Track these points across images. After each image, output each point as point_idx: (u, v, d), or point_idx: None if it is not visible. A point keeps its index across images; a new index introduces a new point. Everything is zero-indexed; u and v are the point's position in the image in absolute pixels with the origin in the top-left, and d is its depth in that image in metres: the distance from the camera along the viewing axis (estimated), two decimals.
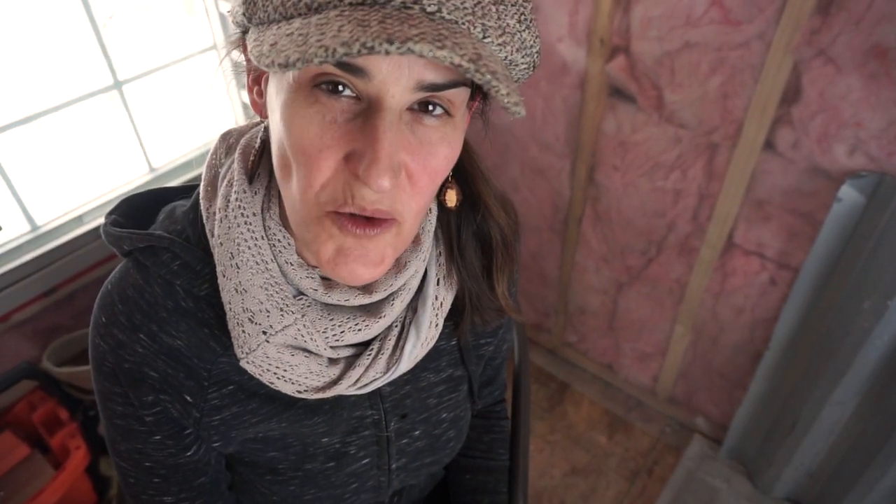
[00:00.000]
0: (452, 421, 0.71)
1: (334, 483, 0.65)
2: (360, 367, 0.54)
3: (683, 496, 1.61)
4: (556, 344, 1.94)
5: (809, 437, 1.42)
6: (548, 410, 1.82)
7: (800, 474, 1.52)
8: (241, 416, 0.57)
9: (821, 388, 1.33)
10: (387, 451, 0.67)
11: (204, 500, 0.63)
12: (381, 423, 0.65)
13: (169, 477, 0.59)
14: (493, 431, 0.86)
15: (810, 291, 1.28)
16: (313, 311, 0.52)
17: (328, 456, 0.63)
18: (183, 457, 0.59)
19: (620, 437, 1.75)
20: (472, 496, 0.83)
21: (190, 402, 0.55)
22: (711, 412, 1.69)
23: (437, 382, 0.67)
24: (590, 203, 1.54)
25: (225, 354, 0.55)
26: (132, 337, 0.52)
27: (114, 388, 0.54)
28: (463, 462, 0.85)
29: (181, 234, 0.54)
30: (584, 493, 1.63)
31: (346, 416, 0.62)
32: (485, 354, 0.71)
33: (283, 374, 0.52)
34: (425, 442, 0.70)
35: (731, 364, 1.54)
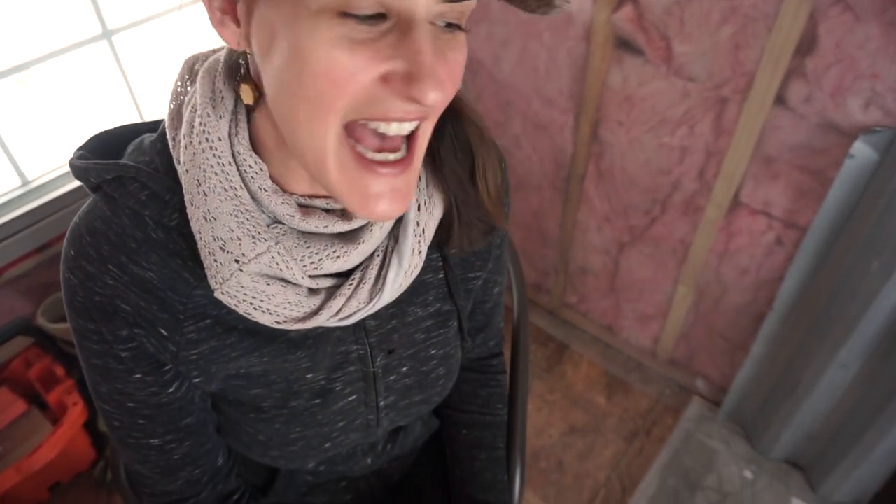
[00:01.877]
0: (442, 358, 0.69)
1: (321, 421, 0.64)
2: (342, 297, 0.53)
3: (681, 457, 1.61)
4: (556, 305, 1.92)
5: (810, 400, 1.40)
6: (546, 371, 1.81)
7: (799, 436, 1.51)
8: (219, 350, 0.56)
9: (824, 351, 1.31)
10: (374, 387, 0.66)
11: (192, 442, 0.61)
12: (366, 359, 0.63)
13: (154, 417, 0.58)
14: (489, 386, 0.84)
15: (817, 251, 1.25)
16: (289, 239, 0.50)
17: (313, 393, 0.62)
18: (165, 395, 0.57)
19: (619, 397, 1.75)
20: (469, 451, 0.82)
21: (165, 335, 0.54)
22: (712, 374, 1.68)
23: (424, 317, 0.66)
24: (593, 160, 1.50)
25: (200, 286, 0.53)
26: (101, 269, 0.51)
27: (87, 325, 0.53)
28: (459, 417, 0.84)
29: (149, 164, 0.52)
30: (581, 452, 1.63)
31: (331, 351, 0.61)
32: (473, 289, 0.69)
33: (260, 304, 0.50)
34: (414, 379, 0.68)
35: (733, 326, 1.52)
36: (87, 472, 1.59)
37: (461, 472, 0.81)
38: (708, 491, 1.54)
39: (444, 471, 0.85)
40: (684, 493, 1.53)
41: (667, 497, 1.53)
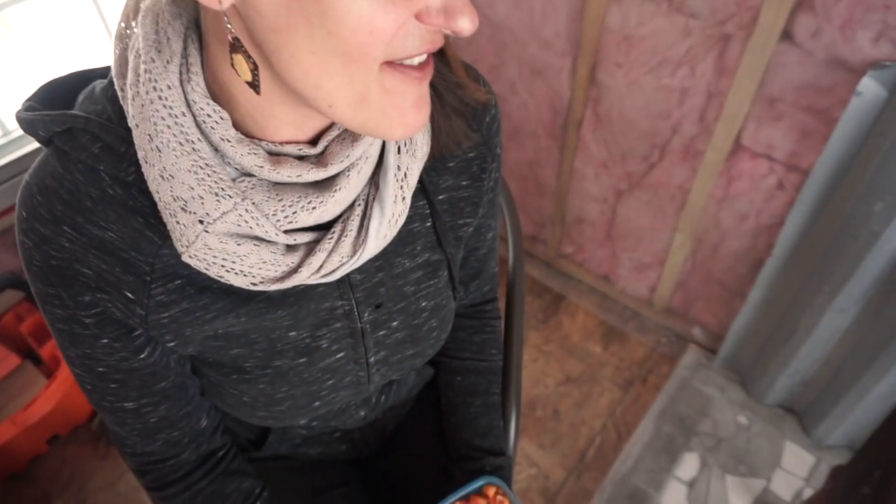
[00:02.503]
0: (433, 310, 0.67)
1: (308, 379, 0.62)
2: (323, 252, 0.49)
3: (676, 404, 1.62)
4: (552, 256, 1.90)
5: (807, 346, 1.40)
6: (542, 321, 1.81)
7: (794, 382, 1.52)
8: (192, 312, 0.53)
9: (823, 296, 1.30)
10: (363, 343, 0.63)
11: (168, 405, 0.60)
12: (353, 314, 0.61)
13: (126, 382, 0.56)
14: (484, 332, 0.83)
15: (819, 195, 1.22)
16: (258, 193, 0.46)
17: (298, 351, 0.60)
18: (137, 360, 0.55)
19: (616, 347, 1.75)
20: (464, 398, 0.81)
21: (132, 298, 0.50)
22: (708, 322, 1.68)
23: (412, 268, 0.63)
24: (590, 105, 1.46)
25: (165, 245, 0.49)
26: (56, 230, 0.47)
27: (47, 289, 0.50)
28: (454, 364, 0.83)
29: (101, 114, 0.47)
30: (577, 401, 1.63)
31: (314, 308, 0.58)
32: (463, 237, 0.66)
33: (232, 266, 0.47)
34: (405, 333, 0.66)
35: (731, 273, 1.51)
36: (85, 426, 1.59)
37: (456, 419, 0.80)
38: (703, 436, 1.55)
39: (438, 419, 0.85)
40: (679, 439, 1.55)
41: (662, 443, 1.54)
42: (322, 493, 0.81)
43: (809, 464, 1.50)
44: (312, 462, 0.83)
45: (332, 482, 0.83)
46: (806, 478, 1.48)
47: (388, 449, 0.87)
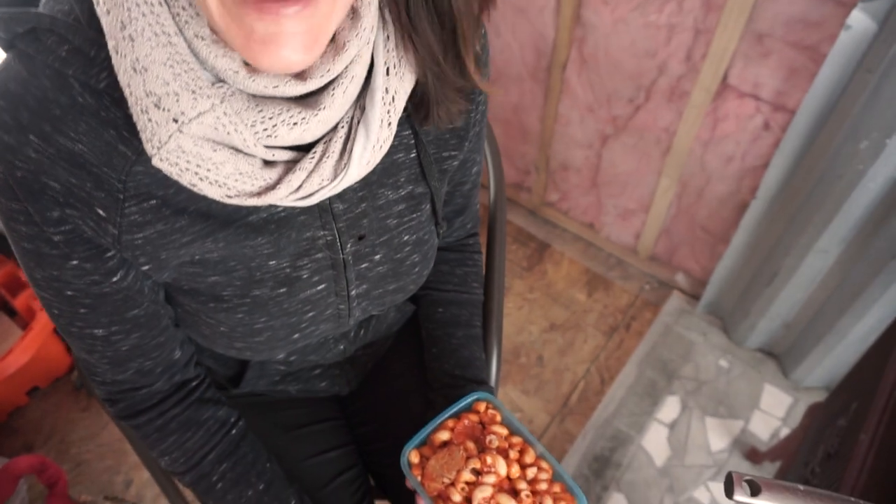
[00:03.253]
0: (416, 244, 0.65)
1: (287, 310, 0.60)
2: (302, 171, 0.47)
3: (659, 349, 1.63)
4: (537, 204, 1.88)
5: (789, 288, 1.41)
6: (527, 270, 1.80)
7: (775, 325, 1.53)
8: (167, 234, 0.51)
9: (806, 237, 1.30)
10: (344, 276, 0.62)
11: (140, 334, 0.58)
12: (335, 245, 0.59)
13: (96, 307, 0.54)
14: (466, 265, 0.81)
15: (805, 134, 1.21)
16: (237, 101, 0.43)
17: (278, 281, 0.58)
18: (108, 284, 0.53)
19: (600, 294, 1.75)
20: (445, 329, 0.80)
21: (103, 216, 0.48)
22: (692, 268, 1.68)
23: (396, 200, 0.61)
24: (575, 45, 1.42)
25: (140, 162, 0.47)
26: (21, 139, 0.44)
27: (11, 204, 0.47)
28: (435, 296, 0.82)
29: (68, 14, 0.43)
30: (561, 347, 1.64)
31: (295, 237, 0.56)
32: (448, 170, 0.64)
33: (207, 174, 0.44)
34: (387, 267, 0.65)
35: (715, 217, 1.50)
36: (65, 377, 1.57)
37: (437, 350, 0.79)
38: (684, 380, 1.57)
39: (419, 353, 0.84)
40: (661, 383, 1.56)
41: (644, 387, 1.56)
42: (302, 427, 0.80)
43: (787, 404, 1.53)
44: (292, 399, 0.82)
45: (312, 418, 0.82)
46: (783, 418, 1.51)
47: (368, 384, 0.87)
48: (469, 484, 0.61)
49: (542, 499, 0.61)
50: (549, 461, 0.64)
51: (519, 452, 0.64)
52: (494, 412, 0.67)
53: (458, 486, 0.60)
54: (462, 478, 0.61)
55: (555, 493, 0.62)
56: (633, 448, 1.45)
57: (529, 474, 0.62)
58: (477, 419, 0.67)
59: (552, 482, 0.63)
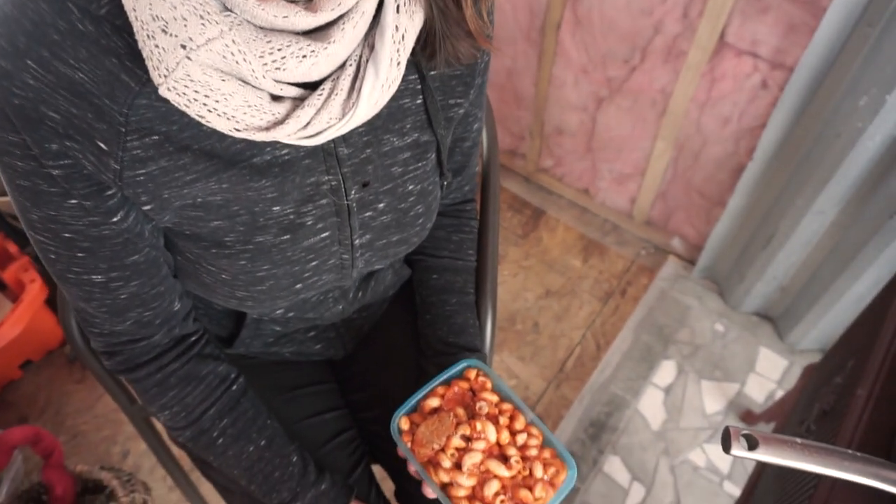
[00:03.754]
0: (420, 194, 0.64)
1: (291, 258, 0.59)
2: (311, 107, 0.45)
3: (655, 314, 1.63)
4: (532, 170, 1.86)
5: (785, 251, 1.40)
6: (522, 237, 1.79)
7: (771, 288, 1.53)
8: (170, 171, 0.49)
9: (803, 198, 1.29)
10: (348, 223, 0.61)
11: (140, 282, 0.56)
12: (339, 191, 0.58)
13: (95, 251, 0.52)
14: (462, 231, 0.80)
15: (803, 92, 1.19)
16: (245, 31, 0.41)
17: (281, 228, 0.57)
18: (108, 226, 0.51)
19: (595, 260, 1.74)
20: (439, 295, 0.79)
21: (105, 149, 0.46)
22: (688, 233, 1.67)
23: (401, 148, 0.60)
24: (569, 5, 1.39)
25: (143, 94, 0.45)
26: (18, 64, 0.42)
27: (8, 136, 0.44)
28: (430, 262, 0.81)
29: None
30: (557, 313, 1.64)
31: (300, 182, 0.55)
32: (454, 118, 0.63)
33: (216, 105, 0.42)
34: (391, 217, 0.64)
35: (711, 180, 1.49)
36: (58, 350, 1.57)
37: (431, 317, 0.79)
38: (680, 345, 1.57)
39: (413, 320, 0.83)
40: (657, 348, 1.56)
41: (640, 352, 1.56)
42: (296, 390, 0.80)
43: (782, 367, 1.53)
44: (285, 362, 0.81)
45: (306, 380, 0.81)
46: (778, 380, 1.51)
47: (362, 350, 0.86)
48: (459, 450, 0.61)
49: (531, 465, 0.61)
50: (539, 427, 0.64)
51: (509, 419, 0.64)
52: (485, 379, 0.67)
53: (448, 452, 0.60)
54: (452, 444, 0.61)
55: (545, 459, 0.62)
56: (628, 412, 1.46)
57: (519, 440, 0.62)
58: (467, 386, 0.66)
59: (542, 448, 0.63)
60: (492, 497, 0.59)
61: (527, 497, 0.60)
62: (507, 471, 0.60)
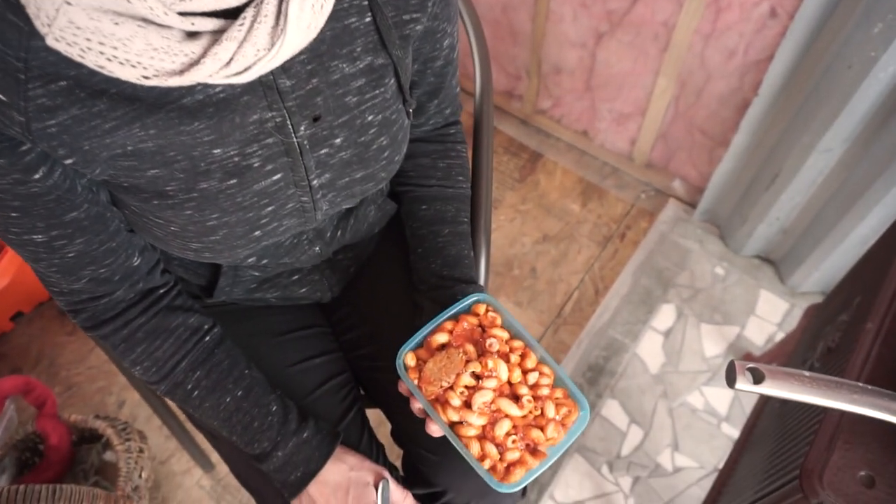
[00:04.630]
0: (382, 125, 0.60)
1: (242, 204, 0.55)
2: (231, 41, 0.41)
3: (655, 258, 1.60)
4: (529, 112, 1.80)
5: (789, 191, 1.36)
6: (519, 181, 1.75)
7: (772, 230, 1.50)
8: (85, 120, 0.45)
9: (809, 135, 1.24)
10: (302, 163, 0.56)
11: (85, 239, 0.53)
12: (286, 128, 0.53)
13: (28, 210, 0.49)
14: (449, 157, 0.76)
15: (815, 20, 1.13)
16: None
17: (226, 172, 0.52)
18: (33, 183, 0.47)
19: (594, 204, 1.70)
20: (430, 227, 0.75)
21: (5, 101, 0.42)
22: (689, 174, 1.62)
23: (353, 74, 0.55)
24: None
25: (37, 36, 0.40)
26: None
27: None
28: (418, 192, 0.76)
29: None
30: (554, 258, 1.61)
31: (240, 121, 0.50)
32: (411, 36, 0.58)
33: (114, 53, 0.38)
34: (351, 152, 0.59)
35: (714, 119, 1.44)
36: (49, 302, 1.54)
37: (423, 250, 0.75)
38: (680, 288, 1.55)
39: (404, 256, 0.79)
40: (657, 291, 1.54)
41: (639, 296, 1.54)
42: (284, 335, 0.77)
43: (783, 310, 1.51)
44: (271, 307, 0.78)
45: (294, 325, 0.79)
46: (779, 323, 1.50)
47: (352, 290, 0.83)
48: (468, 388, 0.58)
49: (543, 404, 0.59)
50: (550, 366, 0.62)
51: (520, 357, 0.61)
52: (495, 315, 0.63)
53: (457, 390, 0.58)
54: (461, 382, 0.58)
55: (557, 399, 0.60)
56: (627, 356, 1.44)
57: (531, 379, 0.60)
58: (476, 322, 0.63)
59: (554, 387, 0.61)
60: (503, 437, 0.57)
61: (538, 437, 0.58)
62: (519, 410, 0.58)
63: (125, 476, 1.15)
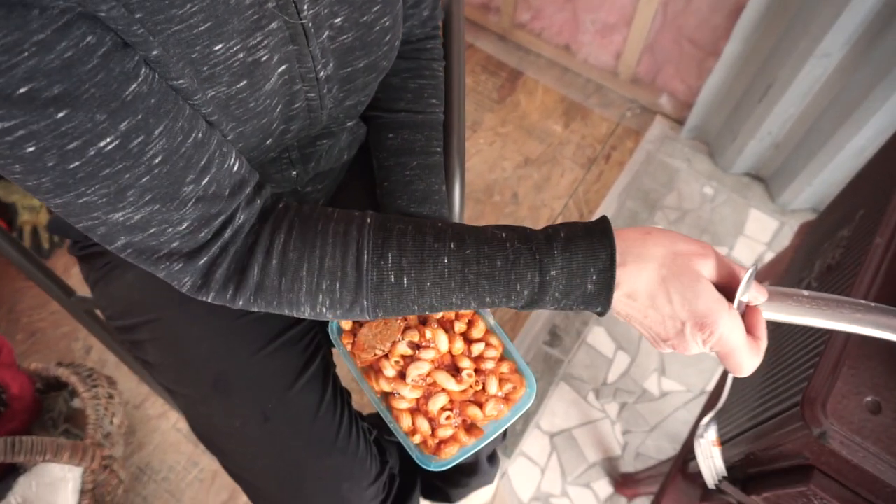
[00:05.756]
0: (385, 2, 0.53)
1: (255, 110, 0.48)
2: None
3: (641, 178, 1.53)
4: (507, 26, 1.68)
5: (783, 102, 1.28)
6: (498, 102, 1.65)
7: (764, 145, 1.43)
8: None
9: (807, 40, 1.15)
10: (308, 50, 0.49)
11: (164, 126, 0.41)
12: (289, 7, 0.45)
13: (77, 96, 0.37)
14: (422, 76, 0.68)
15: None
16: None
17: (234, 74, 0.44)
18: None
19: (577, 124, 1.61)
20: (398, 158, 0.67)
21: None
22: (677, 89, 1.53)
23: None
24: None
25: None
26: None
27: None
28: (385, 118, 0.68)
29: None
30: (537, 183, 1.53)
31: (235, 4, 0.42)
32: None
33: None
34: (353, 34, 0.52)
35: (704, 27, 1.34)
36: None
37: (389, 184, 0.67)
38: (667, 210, 1.49)
39: (373, 190, 0.72)
40: (643, 214, 1.48)
41: (625, 219, 1.48)
42: None
43: (773, 229, 1.46)
44: None
45: None
46: (768, 242, 1.45)
47: None
48: (405, 357, 0.54)
49: (486, 379, 0.54)
50: (499, 337, 0.56)
51: (467, 324, 0.56)
52: None
53: (392, 359, 0.53)
54: (397, 351, 0.53)
55: (501, 374, 0.55)
56: None
57: (475, 350, 0.55)
58: None
59: (501, 360, 0.56)
60: (436, 412, 0.53)
61: (475, 415, 0.54)
62: (457, 385, 0.53)
63: (94, 423, 1.10)
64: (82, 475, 1.06)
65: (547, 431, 1.23)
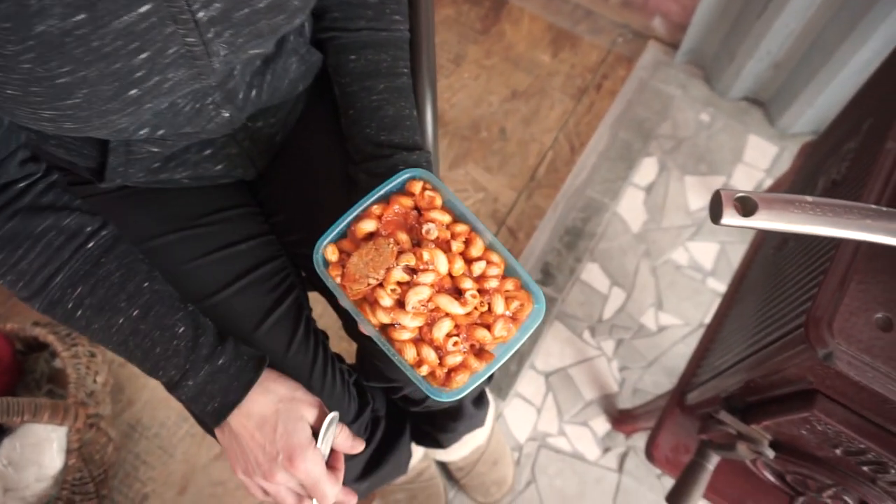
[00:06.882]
0: None
1: (101, 50, 0.40)
2: None
3: (634, 107, 1.46)
4: None
5: (783, 16, 1.20)
6: (482, 32, 1.56)
7: (763, 66, 1.35)
8: None
9: None
10: None
11: None
12: None
13: None
14: None
15: None
16: None
17: (68, 4, 0.37)
18: None
19: (566, 53, 1.53)
20: (362, 83, 0.61)
21: None
22: (670, 10, 1.45)
23: None
24: None
25: None
26: None
27: None
28: (343, 39, 0.62)
29: None
30: (525, 116, 1.46)
31: None
32: None
33: None
34: None
35: None
36: None
37: (355, 112, 0.61)
38: (662, 139, 1.43)
39: (336, 118, 0.66)
40: (637, 145, 1.42)
41: (618, 151, 1.41)
42: (200, 218, 0.65)
43: (772, 155, 1.40)
44: (185, 189, 0.65)
45: (212, 206, 0.66)
46: (767, 169, 1.39)
47: (281, 163, 0.70)
48: (401, 284, 0.49)
49: (491, 298, 0.50)
50: (500, 253, 0.51)
51: (464, 243, 0.51)
52: (433, 194, 0.52)
53: (388, 287, 0.48)
54: (392, 277, 0.48)
55: (507, 292, 0.51)
56: (607, 216, 1.35)
57: (476, 270, 0.50)
58: (411, 204, 0.52)
59: (504, 278, 0.51)
60: (443, 339, 0.49)
61: (484, 337, 0.49)
62: (461, 307, 0.49)
63: (76, 382, 1.07)
64: (67, 434, 1.03)
65: (542, 371, 1.20)
